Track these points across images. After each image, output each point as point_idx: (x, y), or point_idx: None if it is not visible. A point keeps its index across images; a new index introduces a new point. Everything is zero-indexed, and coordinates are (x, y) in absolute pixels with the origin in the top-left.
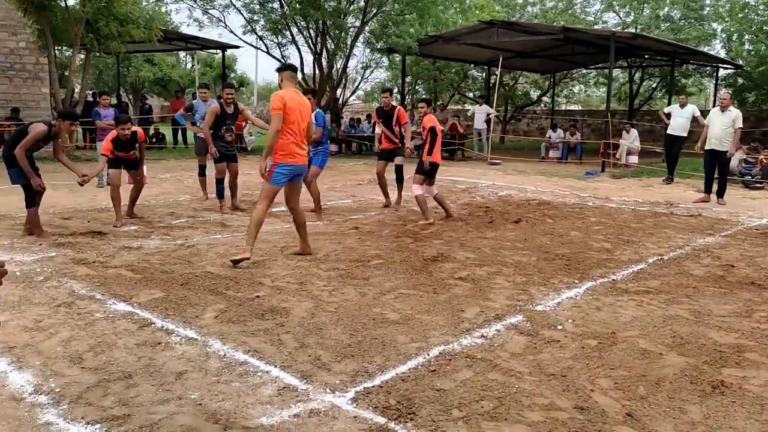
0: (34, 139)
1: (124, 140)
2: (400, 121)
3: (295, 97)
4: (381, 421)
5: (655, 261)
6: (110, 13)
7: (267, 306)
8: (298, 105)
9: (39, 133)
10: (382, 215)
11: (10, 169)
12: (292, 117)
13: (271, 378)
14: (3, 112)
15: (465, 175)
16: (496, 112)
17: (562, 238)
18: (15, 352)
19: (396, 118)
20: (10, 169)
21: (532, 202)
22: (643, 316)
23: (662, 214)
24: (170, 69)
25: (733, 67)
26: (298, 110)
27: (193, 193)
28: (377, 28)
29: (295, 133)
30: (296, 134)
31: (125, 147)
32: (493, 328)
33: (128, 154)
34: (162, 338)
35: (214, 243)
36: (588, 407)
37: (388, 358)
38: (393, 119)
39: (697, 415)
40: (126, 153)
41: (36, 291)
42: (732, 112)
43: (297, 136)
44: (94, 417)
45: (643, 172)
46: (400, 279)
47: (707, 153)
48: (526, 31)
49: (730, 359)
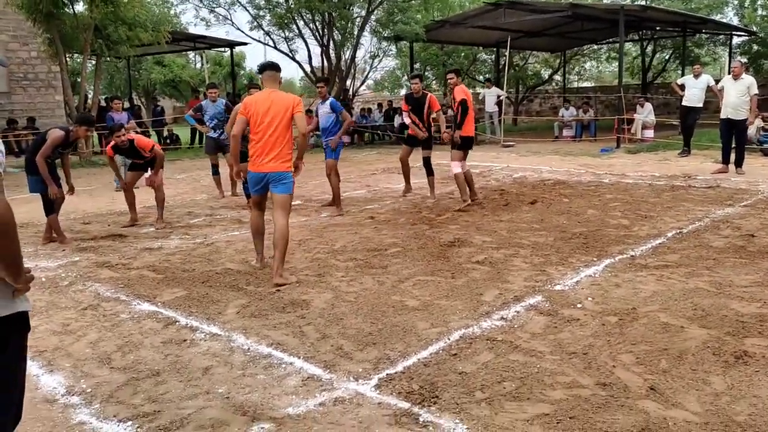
0: (53, 146)
1: (122, 147)
2: (432, 108)
3: (259, 99)
4: (405, 406)
5: (674, 235)
6: (118, 17)
7: (287, 299)
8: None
9: (57, 139)
10: (398, 204)
11: (30, 177)
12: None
13: (295, 369)
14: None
15: (479, 158)
16: (506, 93)
17: (578, 216)
18: (45, 355)
19: (428, 105)
20: (30, 176)
21: (548, 183)
22: (664, 291)
23: (680, 187)
24: (180, 70)
25: (747, 34)
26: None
27: (209, 192)
28: (383, 16)
29: (259, 139)
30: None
31: (128, 155)
32: (512, 309)
33: (142, 159)
34: (187, 335)
35: (233, 240)
36: (610, 383)
37: (409, 344)
38: (425, 107)
39: (721, 385)
40: (137, 159)
41: (62, 295)
42: (746, 79)
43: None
44: (125, 415)
45: (659, 146)
46: (417, 266)
47: (723, 122)
48: (532, 10)
49: (753, 329)
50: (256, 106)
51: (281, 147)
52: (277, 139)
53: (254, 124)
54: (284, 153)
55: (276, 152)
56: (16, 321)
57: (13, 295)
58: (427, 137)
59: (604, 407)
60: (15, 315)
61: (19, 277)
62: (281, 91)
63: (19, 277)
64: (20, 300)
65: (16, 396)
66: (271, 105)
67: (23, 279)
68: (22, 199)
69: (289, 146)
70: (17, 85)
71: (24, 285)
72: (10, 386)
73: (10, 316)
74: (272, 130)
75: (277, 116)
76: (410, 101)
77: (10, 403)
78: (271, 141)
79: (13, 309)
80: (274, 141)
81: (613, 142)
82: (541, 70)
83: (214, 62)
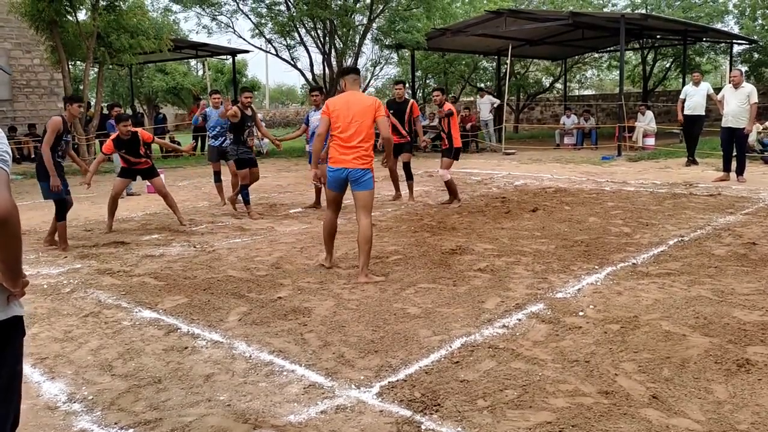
0: (54, 132)
1: (125, 139)
2: (413, 114)
3: (341, 100)
4: (407, 413)
5: (675, 242)
6: (120, 26)
7: (289, 306)
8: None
9: (55, 124)
10: (399, 211)
11: (43, 183)
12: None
13: (297, 377)
14: (21, 129)
15: (480, 166)
16: (499, 101)
17: (580, 224)
18: (47, 362)
19: (409, 111)
20: (42, 183)
21: (549, 190)
22: (666, 299)
23: (681, 195)
24: (182, 77)
25: (748, 42)
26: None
27: (210, 199)
28: (385, 24)
29: (339, 137)
30: (341, 138)
31: (128, 148)
32: (514, 317)
33: (138, 159)
34: (188, 343)
35: (234, 247)
36: (612, 391)
37: (411, 352)
38: (406, 112)
39: (723, 394)
40: (133, 156)
41: (64, 303)
42: (746, 87)
43: (342, 139)
44: (127, 422)
45: (660, 153)
46: (419, 273)
47: (724, 131)
48: (534, 18)
49: (755, 337)
50: (338, 107)
51: (363, 146)
52: (361, 137)
53: (336, 123)
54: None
55: (358, 151)
56: (13, 325)
57: (8, 300)
58: (407, 142)
59: (607, 415)
60: (12, 319)
61: (18, 279)
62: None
63: (18, 280)
64: (15, 305)
65: (14, 401)
66: (353, 106)
67: (21, 282)
68: (25, 206)
69: (370, 145)
70: (20, 92)
71: (21, 289)
72: (10, 391)
73: (8, 320)
74: (353, 130)
75: (358, 116)
76: (392, 106)
77: (11, 408)
78: (353, 139)
79: (9, 313)
80: (354, 138)
81: (614, 150)
82: (542, 78)
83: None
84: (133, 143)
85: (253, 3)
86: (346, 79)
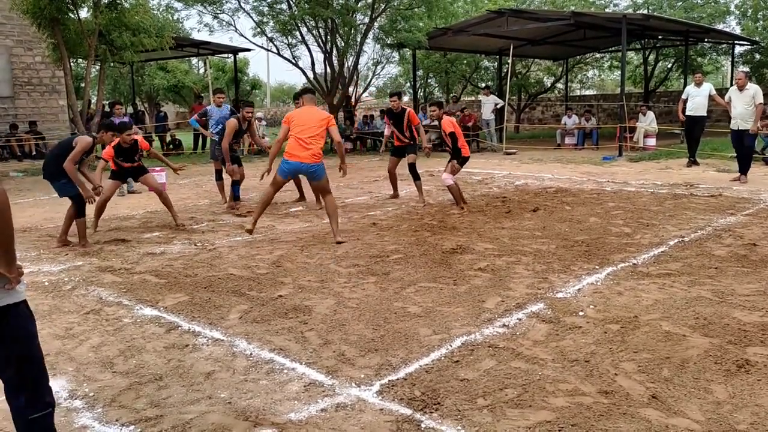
0: (82, 152)
1: (126, 147)
2: (412, 122)
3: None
4: (407, 412)
5: (676, 243)
6: (122, 23)
7: (290, 305)
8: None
9: (86, 145)
10: (400, 210)
11: (55, 182)
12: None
13: (297, 375)
14: (23, 126)
15: (480, 166)
16: (502, 102)
17: (580, 224)
18: (48, 359)
19: (407, 120)
20: (55, 182)
21: (550, 190)
22: (666, 299)
23: (682, 195)
24: (184, 75)
25: (750, 43)
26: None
27: (211, 198)
28: (386, 23)
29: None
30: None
31: (126, 155)
32: (514, 317)
33: (132, 164)
34: (189, 340)
35: (235, 245)
36: (612, 391)
37: (411, 350)
38: (404, 122)
39: (723, 394)
40: (129, 162)
41: (65, 300)
42: (750, 89)
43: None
44: (128, 419)
45: (661, 154)
46: (419, 272)
47: (734, 133)
48: (535, 18)
49: (755, 338)
50: (297, 116)
51: (315, 146)
52: (314, 139)
53: (294, 127)
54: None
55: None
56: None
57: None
58: (411, 144)
59: (606, 415)
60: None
61: (12, 264)
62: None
63: (12, 264)
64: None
65: (41, 362)
66: (312, 116)
67: (15, 268)
68: (26, 203)
69: (320, 146)
70: (21, 89)
71: (16, 274)
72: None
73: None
74: (309, 134)
75: (314, 123)
76: (391, 116)
77: (43, 366)
78: (309, 141)
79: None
80: (307, 139)
81: (615, 150)
82: (543, 78)
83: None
84: (132, 151)
85: (255, 1)
86: (305, 97)
